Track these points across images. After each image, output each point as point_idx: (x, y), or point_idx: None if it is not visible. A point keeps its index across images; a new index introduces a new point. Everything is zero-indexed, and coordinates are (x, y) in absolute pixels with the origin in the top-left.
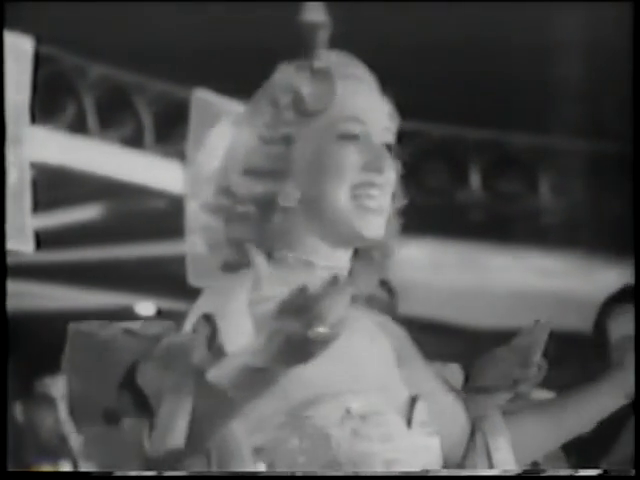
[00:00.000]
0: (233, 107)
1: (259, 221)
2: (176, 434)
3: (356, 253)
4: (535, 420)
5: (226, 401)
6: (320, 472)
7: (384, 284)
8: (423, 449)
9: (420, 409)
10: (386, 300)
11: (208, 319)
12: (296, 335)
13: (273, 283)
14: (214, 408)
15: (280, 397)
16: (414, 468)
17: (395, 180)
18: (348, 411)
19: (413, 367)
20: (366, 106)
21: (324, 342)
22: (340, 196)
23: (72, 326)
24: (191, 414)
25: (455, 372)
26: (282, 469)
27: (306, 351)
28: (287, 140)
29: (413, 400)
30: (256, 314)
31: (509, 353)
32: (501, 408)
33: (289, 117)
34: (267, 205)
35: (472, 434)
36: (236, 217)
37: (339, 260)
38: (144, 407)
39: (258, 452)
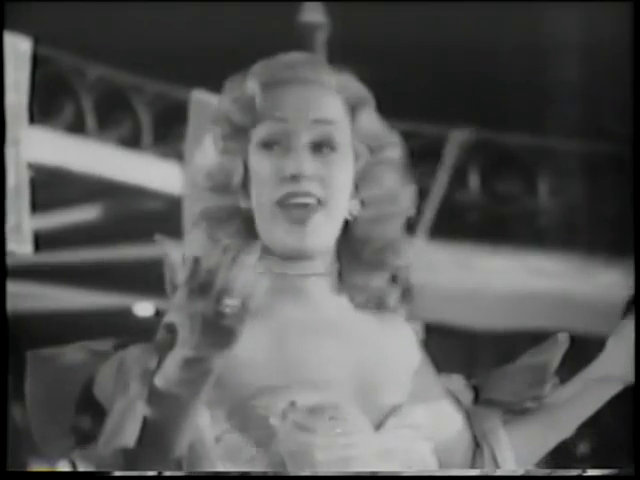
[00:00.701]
0: None
1: (210, 233)
2: (126, 434)
3: (346, 253)
4: (533, 420)
5: (176, 402)
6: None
7: (400, 283)
8: (399, 452)
9: (403, 414)
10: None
11: (169, 327)
12: (208, 313)
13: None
14: (167, 412)
15: (232, 388)
16: (381, 469)
17: (339, 172)
18: (292, 403)
19: (417, 370)
20: (289, 104)
21: (240, 315)
22: (266, 210)
23: (30, 353)
24: (149, 421)
25: (457, 383)
26: (237, 460)
27: (225, 328)
28: (230, 153)
29: (395, 405)
30: (170, 303)
31: (525, 370)
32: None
33: (226, 132)
34: (218, 218)
35: (477, 446)
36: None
37: (310, 267)
38: (102, 417)
39: (217, 441)
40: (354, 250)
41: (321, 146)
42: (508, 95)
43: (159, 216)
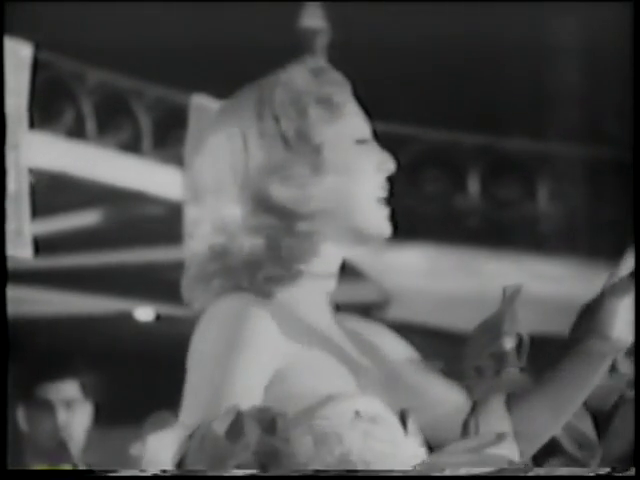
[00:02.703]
0: None
1: (305, 236)
2: None
3: None
4: (534, 399)
5: None
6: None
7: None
8: (413, 458)
9: (413, 420)
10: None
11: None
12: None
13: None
14: None
15: (295, 398)
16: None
17: None
18: (358, 413)
19: (401, 364)
20: (360, 109)
21: None
22: (365, 197)
23: None
24: None
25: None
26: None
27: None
28: (316, 147)
29: (404, 411)
30: None
31: (480, 330)
32: (504, 393)
33: (319, 123)
34: (312, 218)
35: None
36: (283, 234)
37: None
38: None
39: (274, 454)
40: None
41: None
42: (508, 100)
43: (159, 221)
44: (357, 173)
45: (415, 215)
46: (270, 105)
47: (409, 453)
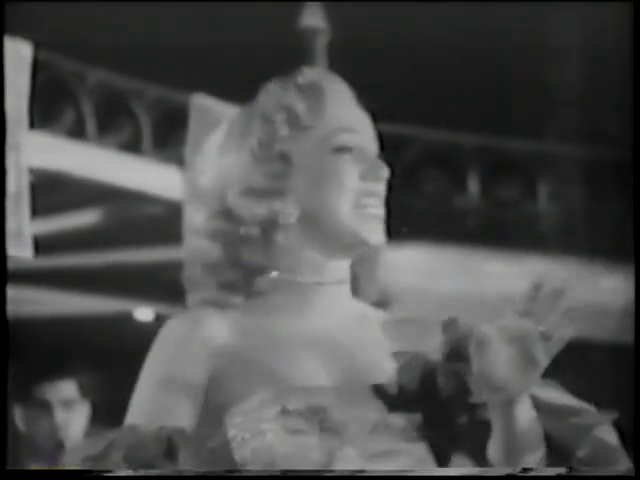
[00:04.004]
0: (232, 112)
1: (262, 242)
2: None
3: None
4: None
5: None
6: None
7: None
8: (393, 454)
9: (396, 423)
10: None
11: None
12: None
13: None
14: None
15: (237, 393)
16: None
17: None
18: (284, 409)
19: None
20: (354, 118)
21: None
22: (342, 206)
23: None
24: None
25: None
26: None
27: None
28: (283, 157)
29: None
30: None
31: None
32: None
33: (284, 134)
34: (270, 225)
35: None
36: (238, 240)
37: (336, 273)
38: None
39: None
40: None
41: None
42: (508, 101)
43: (159, 221)
44: (332, 182)
45: (415, 215)
46: (245, 116)
47: (368, 449)
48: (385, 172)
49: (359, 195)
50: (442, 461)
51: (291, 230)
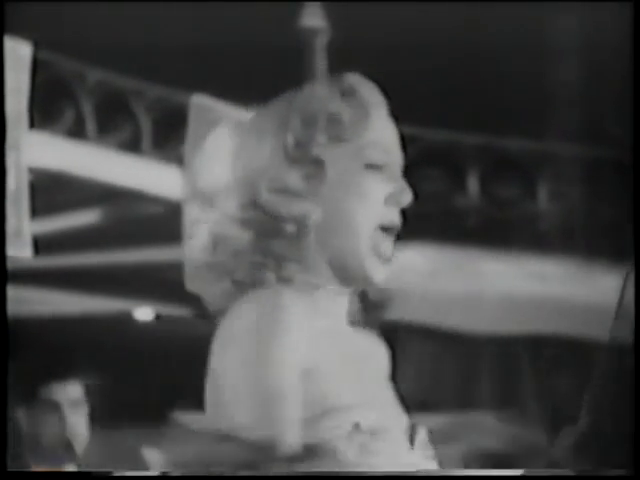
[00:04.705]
0: (231, 112)
1: (294, 238)
2: None
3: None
4: None
5: None
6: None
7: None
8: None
9: (422, 433)
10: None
11: None
12: None
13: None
14: None
15: (309, 403)
16: None
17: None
18: (357, 426)
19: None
20: (390, 136)
21: None
22: (364, 231)
23: None
24: None
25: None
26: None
27: None
28: (318, 162)
29: (413, 425)
30: None
31: None
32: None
33: (322, 139)
34: (301, 224)
35: None
36: (271, 231)
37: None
38: None
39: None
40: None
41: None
42: (508, 100)
43: (159, 221)
44: (359, 198)
45: (415, 215)
46: (284, 114)
47: (411, 467)
48: (408, 198)
49: (380, 216)
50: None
51: (313, 234)
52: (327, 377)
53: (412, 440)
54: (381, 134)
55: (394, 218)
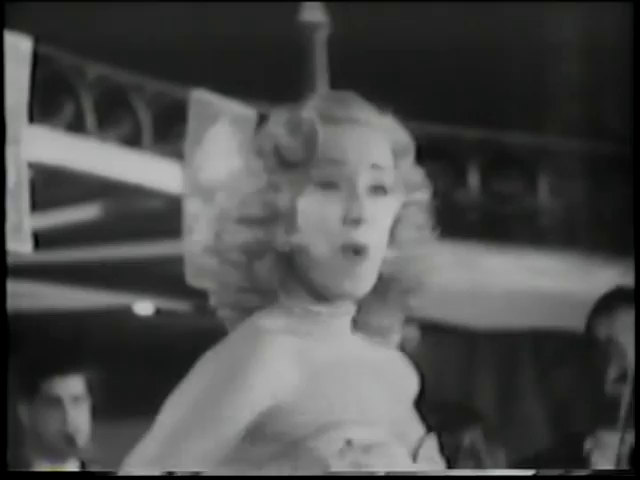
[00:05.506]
0: (231, 107)
1: (247, 268)
2: None
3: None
4: None
5: None
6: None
7: (410, 320)
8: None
9: (429, 445)
10: (410, 337)
11: None
12: None
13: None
14: None
15: (284, 426)
16: None
17: (387, 217)
18: (349, 442)
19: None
20: (350, 146)
21: None
22: (324, 253)
23: None
24: None
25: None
26: None
27: None
28: (274, 187)
29: (422, 436)
30: None
31: None
32: None
33: (272, 165)
34: (256, 252)
35: None
36: (228, 263)
37: (342, 307)
38: None
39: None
40: (377, 290)
41: (376, 190)
42: (508, 94)
43: (159, 215)
44: (312, 222)
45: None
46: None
47: None
48: (366, 212)
49: (343, 244)
50: None
51: (283, 260)
52: (316, 396)
53: (416, 455)
54: (335, 148)
55: (355, 237)
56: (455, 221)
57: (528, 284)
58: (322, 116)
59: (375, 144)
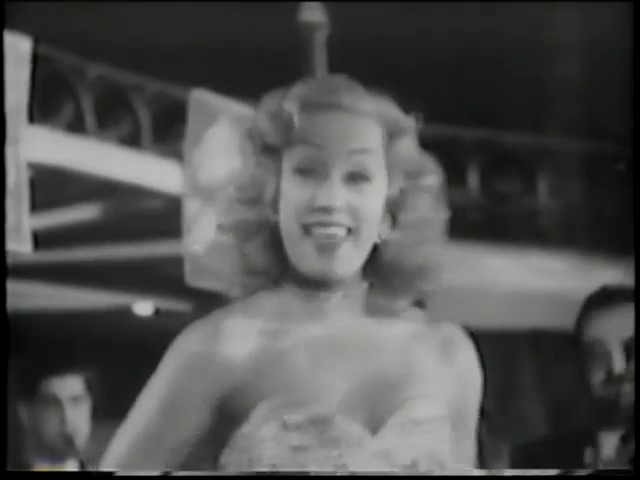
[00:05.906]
0: (231, 107)
1: (238, 248)
2: None
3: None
4: None
5: None
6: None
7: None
8: (400, 450)
9: (418, 408)
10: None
11: None
12: None
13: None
14: None
15: (236, 411)
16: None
17: (371, 202)
18: (284, 424)
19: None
20: (328, 132)
21: None
22: (294, 234)
23: None
24: None
25: None
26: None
27: None
28: (262, 168)
29: (390, 409)
30: None
31: None
32: None
33: (259, 148)
34: (251, 232)
35: None
36: (239, 238)
37: (333, 289)
38: None
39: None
40: (382, 273)
41: (355, 176)
42: (508, 95)
43: (159, 215)
44: (288, 209)
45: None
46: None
47: (369, 452)
48: (336, 197)
49: (313, 225)
50: None
51: (274, 241)
52: (268, 378)
53: (376, 429)
54: (313, 134)
55: (323, 219)
56: (455, 221)
57: (528, 284)
58: (305, 103)
59: (357, 129)
